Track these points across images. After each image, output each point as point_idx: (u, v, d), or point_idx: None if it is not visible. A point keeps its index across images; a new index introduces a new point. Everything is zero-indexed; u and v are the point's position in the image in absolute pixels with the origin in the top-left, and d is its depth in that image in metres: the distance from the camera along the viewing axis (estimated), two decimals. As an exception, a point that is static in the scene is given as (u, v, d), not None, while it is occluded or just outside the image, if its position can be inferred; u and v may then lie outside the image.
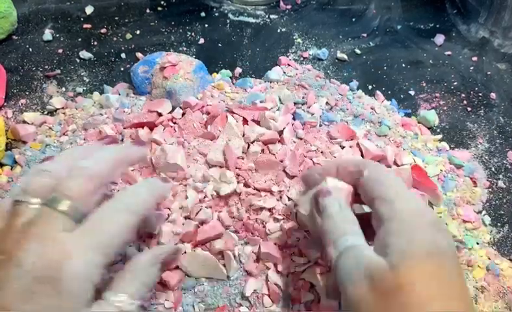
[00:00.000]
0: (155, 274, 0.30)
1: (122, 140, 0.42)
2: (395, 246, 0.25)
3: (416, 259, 0.24)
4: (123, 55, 0.56)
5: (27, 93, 0.51)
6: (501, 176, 0.48)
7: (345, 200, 0.30)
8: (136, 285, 0.28)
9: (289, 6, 0.65)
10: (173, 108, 0.45)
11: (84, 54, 0.55)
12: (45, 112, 0.49)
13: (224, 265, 0.36)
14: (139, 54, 0.56)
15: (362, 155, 0.42)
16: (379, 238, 0.26)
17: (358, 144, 0.43)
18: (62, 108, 0.49)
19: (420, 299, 0.23)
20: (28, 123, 0.47)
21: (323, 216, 0.29)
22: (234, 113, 0.42)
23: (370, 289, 0.24)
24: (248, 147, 0.40)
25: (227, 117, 0.42)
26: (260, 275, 0.36)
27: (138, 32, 0.59)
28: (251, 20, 0.63)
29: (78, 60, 0.55)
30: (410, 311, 0.22)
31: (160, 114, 0.44)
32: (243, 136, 0.41)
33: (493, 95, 0.56)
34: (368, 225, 0.29)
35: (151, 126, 0.43)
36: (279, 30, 0.62)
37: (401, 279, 0.23)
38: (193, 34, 0.60)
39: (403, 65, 0.59)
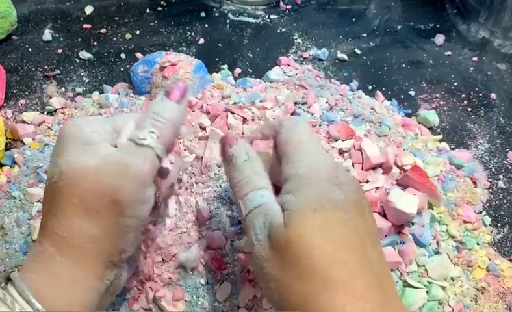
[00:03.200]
0: (169, 104, 0.29)
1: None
2: (289, 203, 0.25)
3: (304, 213, 0.24)
4: (122, 55, 0.56)
5: (27, 93, 0.51)
6: (501, 176, 0.48)
7: (255, 151, 0.29)
8: (146, 117, 0.28)
9: (289, 6, 0.65)
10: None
11: (84, 54, 0.55)
12: (45, 112, 0.49)
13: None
14: (139, 55, 0.56)
15: (362, 158, 0.42)
16: (280, 197, 0.27)
17: (359, 147, 0.43)
18: (62, 108, 0.49)
19: (304, 252, 0.23)
20: (28, 123, 0.47)
21: (231, 167, 0.28)
22: (233, 113, 0.42)
23: (269, 247, 0.25)
24: None
25: (227, 116, 0.42)
26: (258, 283, 0.36)
27: (137, 32, 0.59)
28: (251, 20, 0.63)
29: (77, 60, 0.55)
30: (298, 265, 0.23)
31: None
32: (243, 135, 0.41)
33: (493, 95, 0.56)
34: None
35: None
36: (279, 30, 0.62)
37: (289, 234, 0.24)
38: (193, 34, 0.60)
39: (403, 65, 0.59)
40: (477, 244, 0.42)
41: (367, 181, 0.41)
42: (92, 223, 0.26)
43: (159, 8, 0.63)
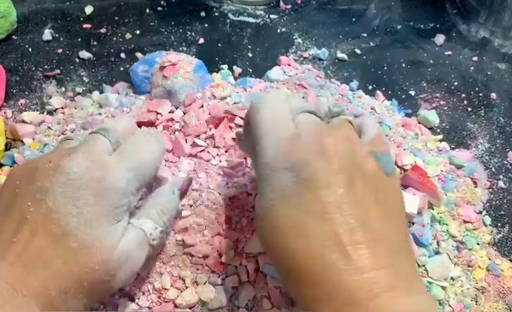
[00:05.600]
0: (174, 201, 0.33)
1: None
2: (258, 195, 0.27)
3: (261, 215, 0.26)
4: (122, 55, 0.56)
5: (27, 93, 0.51)
6: (501, 176, 0.48)
7: None
8: (157, 210, 0.31)
9: (289, 6, 0.65)
10: (173, 108, 0.45)
11: (84, 54, 0.55)
12: (45, 112, 0.49)
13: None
14: (139, 54, 0.56)
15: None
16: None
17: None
18: (62, 107, 0.49)
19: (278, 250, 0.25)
20: (27, 123, 0.47)
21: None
22: (234, 114, 0.42)
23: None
24: None
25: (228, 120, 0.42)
26: (258, 283, 0.35)
27: (137, 32, 0.59)
28: (251, 20, 0.63)
29: (77, 60, 0.55)
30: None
31: (159, 114, 0.44)
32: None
33: (493, 95, 0.56)
34: None
35: (150, 125, 0.43)
36: (279, 30, 0.62)
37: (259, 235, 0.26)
38: (193, 34, 0.60)
39: (403, 65, 0.59)
40: (478, 244, 0.42)
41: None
42: (82, 304, 0.26)
43: (159, 8, 0.63)
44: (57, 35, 0.58)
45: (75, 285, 0.25)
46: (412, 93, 0.55)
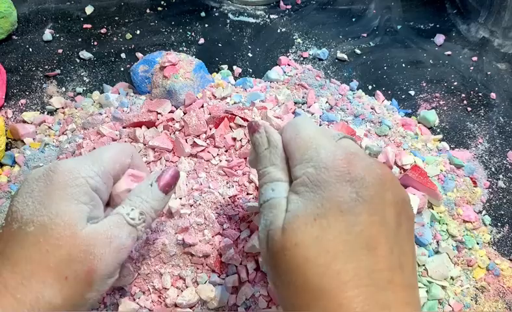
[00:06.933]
0: (151, 191, 0.30)
1: (120, 137, 0.42)
2: (292, 204, 0.25)
3: (303, 222, 0.23)
4: (123, 55, 0.56)
5: (27, 93, 0.51)
6: (501, 176, 0.48)
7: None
8: (131, 197, 0.30)
9: (289, 6, 0.65)
10: (173, 108, 0.45)
11: (84, 54, 0.55)
12: (45, 112, 0.49)
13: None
14: (139, 54, 0.56)
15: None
16: (289, 193, 0.26)
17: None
18: (62, 107, 0.49)
19: (298, 263, 0.23)
20: (28, 123, 0.47)
21: (255, 153, 0.29)
22: (234, 114, 0.42)
23: (266, 249, 0.25)
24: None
25: (229, 120, 0.42)
26: (258, 283, 0.36)
27: (138, 32, 0.59)
28: (251, 20, 0.63)
29: (78, 60, 0.55)
30: (291, 275, 0.23)
31: (159, 114, 0.44)
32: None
33: (493, 95, 0.56)
34: None
35: (150, 125, 0.43)
36: (279, 30, 0.62)
37: (285, 241, 0.23)
38: (193, 34, 0.60)
39: (403, 65, 0.59)
40: (477, 244, 0.42)
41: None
42: (56, 290, 0.25)
43: (159, 8, 0.63)
44: (57, 35, 0.58)
45: (38, 268, 0.25)
46: (412, 93, 0.55)
